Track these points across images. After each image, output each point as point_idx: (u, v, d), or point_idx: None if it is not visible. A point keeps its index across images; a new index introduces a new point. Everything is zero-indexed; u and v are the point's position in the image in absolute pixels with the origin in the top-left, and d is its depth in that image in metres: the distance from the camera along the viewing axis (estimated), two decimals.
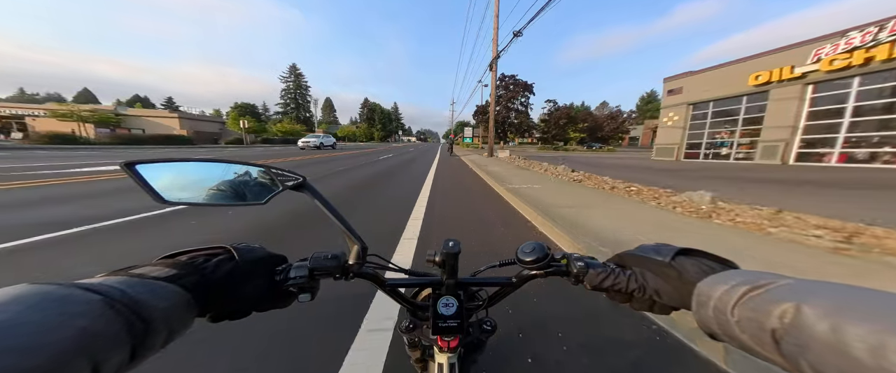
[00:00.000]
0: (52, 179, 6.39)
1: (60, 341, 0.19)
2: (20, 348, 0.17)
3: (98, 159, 11.62)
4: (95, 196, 4.86)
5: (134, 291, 0.26)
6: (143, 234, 3.17)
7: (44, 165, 8.95)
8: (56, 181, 6.10)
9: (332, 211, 0.46)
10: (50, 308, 0.20)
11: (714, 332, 0.30)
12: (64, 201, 4.44)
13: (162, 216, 3.70)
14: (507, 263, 0.53)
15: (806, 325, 0.22)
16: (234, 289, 0.36)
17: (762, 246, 2.76)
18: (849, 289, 0.23)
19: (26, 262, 2.43)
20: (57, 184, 5.84)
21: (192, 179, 0.42)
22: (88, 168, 8.43)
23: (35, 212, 3.81)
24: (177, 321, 0.29)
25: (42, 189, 5.30)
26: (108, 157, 13.09)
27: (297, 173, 0.46)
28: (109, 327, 0.22)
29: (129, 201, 4.32)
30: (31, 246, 2.71)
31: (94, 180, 6.37)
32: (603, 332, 1.66)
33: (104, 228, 3.28)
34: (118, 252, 2.67)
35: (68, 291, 0.22)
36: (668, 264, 0.37)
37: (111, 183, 6.04)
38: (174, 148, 25.94)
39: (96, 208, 4.01)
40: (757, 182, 8.03)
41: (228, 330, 1.39)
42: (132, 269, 0.31)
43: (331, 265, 0.43)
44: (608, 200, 4.93)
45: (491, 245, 3.06)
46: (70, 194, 4.95)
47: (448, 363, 0.55)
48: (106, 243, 2.86)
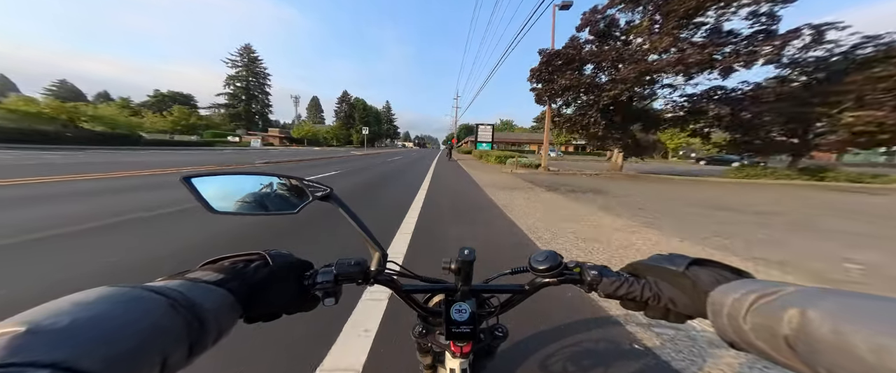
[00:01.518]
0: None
1: (140, 334, 0.22)
2: (110, 339, 0.21)
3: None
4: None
5: (191, 294, 0.29)
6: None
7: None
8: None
9: (356, 220, 0.50)
10: (129, 307, 0.24)
11: (733, 340, 0.31)
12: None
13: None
14: (520, 271, 0.54)
15: (812, 329, 0.23)
16: (268, 292, 0.39)
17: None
18: (852, 294, 0.24)
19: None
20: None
21: (234, 190, 0.48)
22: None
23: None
24: (224, 322, 0.31)
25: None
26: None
27: (324, 185, 0.50)
28: (173, 325, 0.25)
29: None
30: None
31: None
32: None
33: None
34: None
35: (140, 292, 0.25)
36: (682, 274, 0.38)
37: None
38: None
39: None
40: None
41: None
42: (187, 273, 0.34)
43: (354, 271, 0.46)
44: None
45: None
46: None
47: (460, 369, 0.56)
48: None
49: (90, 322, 0.21)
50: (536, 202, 6.08)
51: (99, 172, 7.59)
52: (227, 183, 0.46)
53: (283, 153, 25.35)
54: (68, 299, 0.23)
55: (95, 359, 0.19)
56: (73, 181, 6.17)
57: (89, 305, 0.22)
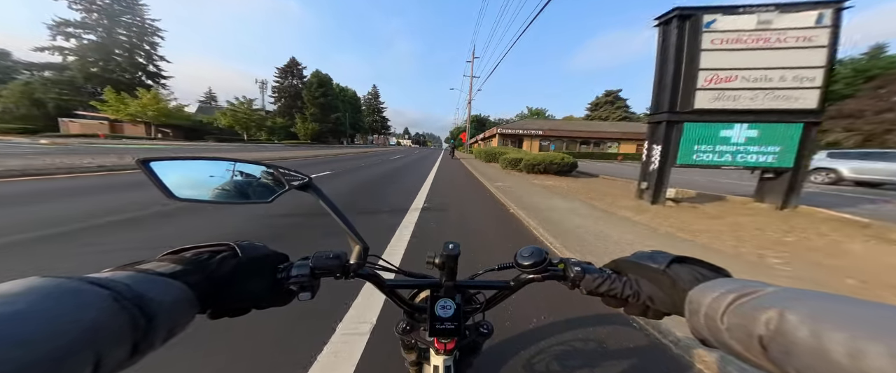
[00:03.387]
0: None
1: (68, 333, 0.20)
2: (30, 339, 0.18)
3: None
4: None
5: (139, 286, 0.26)
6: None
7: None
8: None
9: (336, 211, 0.47)
10: (60, 301, 0.21)
11: (706, 338, 0.31)
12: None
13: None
14: (506, 267, 0.54)
15: (788, 331, 0.23)
16: (236, 286, 0.36)
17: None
18: (830, 297, 0.24)
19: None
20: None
21: (202, 177, 0.43)
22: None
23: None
24: (178, 318, 0.29)
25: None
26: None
27: (302, 173, 0.47)
28: (114, 321, 0.23)
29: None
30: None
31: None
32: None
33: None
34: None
35: (77, 284, 0.23)
36: (662, 272, 0.39)
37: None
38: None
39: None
40: None
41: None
42: (139, 264, 0.31)
43: (332, 265, 0.44)
44: None
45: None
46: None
47: (444, 366, 0.55)
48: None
49: (7, 320, 0.18)
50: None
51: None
52: (191, 168, 0.42)
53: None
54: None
55: (9, 362, 0.17)
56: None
57: (9, 299, 0.19)
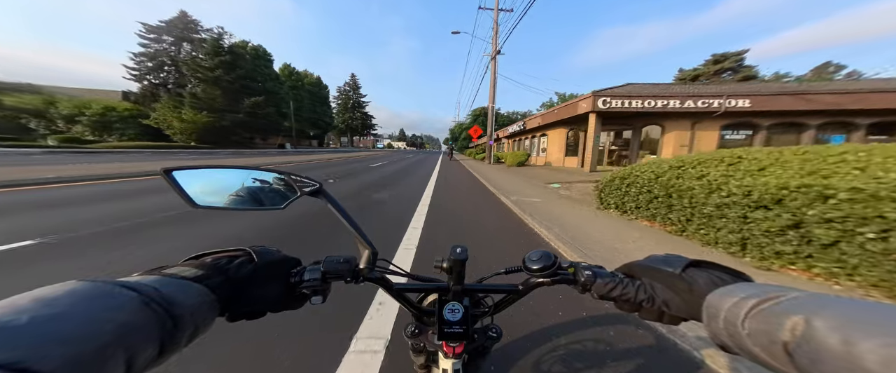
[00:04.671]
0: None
1: (103, 333, 0.21)
2: (69, 338, 0.20)
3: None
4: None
5: (165, 289, 0.28)
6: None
7: None
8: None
9: (346, 217, 0.49)
10: (95, 303, 0.23)
11: (726, 344, 0.30)
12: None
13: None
14: (514, 271, 0.54)
15: (817, 338, 0.22)
16: (252, 290, 0.38)
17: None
18: (859, 303, 0.24)
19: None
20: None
21: (220, 185, 0.46)
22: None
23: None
24: (201, 320, 0.31)
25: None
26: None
27: (313, 180, 0.49)
28: (144, 322, 0.24)
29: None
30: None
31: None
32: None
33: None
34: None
35: (111, 287, 0.25)
36: (678, 276, 0.38)
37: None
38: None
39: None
40: None
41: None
42: (165, 268, 0.33)
43: (343, 269, 0.45)
44: None
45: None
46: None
47: (452, 369, 0.55)
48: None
49: (51, 320, 0.20)
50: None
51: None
52: (211, 177, 0.44)
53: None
54: (30, 295, 0.21)
55: (53, 359, 0.18)
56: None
57: (52, 301, 0.21)
